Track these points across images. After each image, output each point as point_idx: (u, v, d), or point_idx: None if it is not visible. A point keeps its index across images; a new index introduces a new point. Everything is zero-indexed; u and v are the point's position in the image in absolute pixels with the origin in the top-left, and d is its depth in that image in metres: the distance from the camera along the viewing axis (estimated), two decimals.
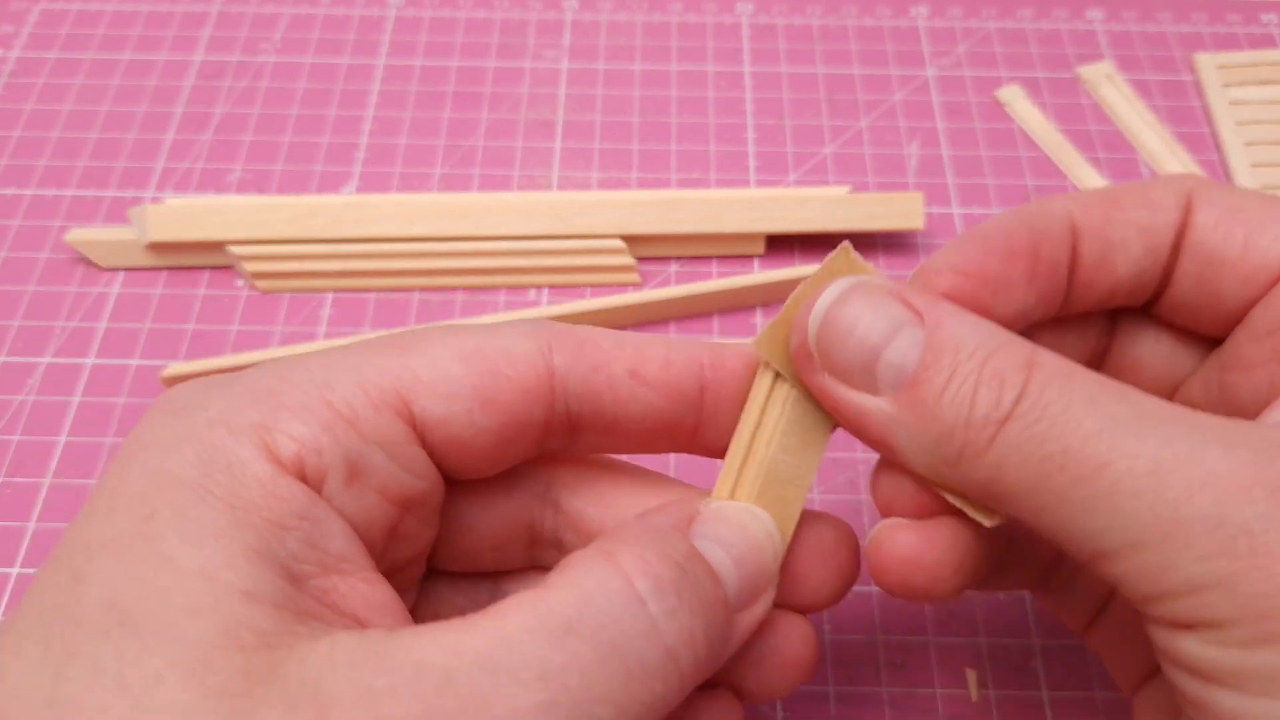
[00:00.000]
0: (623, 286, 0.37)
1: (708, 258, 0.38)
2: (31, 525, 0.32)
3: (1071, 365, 0.19)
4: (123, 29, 0.45)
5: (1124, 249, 0.22)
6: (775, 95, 0.43)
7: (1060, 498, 0.18)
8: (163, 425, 0.18)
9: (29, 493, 0.32)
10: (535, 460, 0.22)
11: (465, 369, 0.19)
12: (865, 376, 0.19)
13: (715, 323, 0.36)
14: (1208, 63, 0.43)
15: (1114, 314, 0.24)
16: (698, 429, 0.22)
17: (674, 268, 0.38)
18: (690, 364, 0.21)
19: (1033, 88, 0.43)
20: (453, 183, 0.40)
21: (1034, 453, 0.18)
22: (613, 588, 0.17)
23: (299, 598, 0.17)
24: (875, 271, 0.21)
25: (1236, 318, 0.22)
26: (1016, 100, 0.43)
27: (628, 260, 0.37)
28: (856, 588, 0.26)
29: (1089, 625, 0.25)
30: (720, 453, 0.22)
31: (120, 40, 0.45)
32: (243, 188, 0.40)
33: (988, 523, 0.20)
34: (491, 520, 0.23)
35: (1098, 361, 0.25)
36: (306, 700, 0.16)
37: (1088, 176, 0.40)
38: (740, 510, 0.21)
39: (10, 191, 0.40)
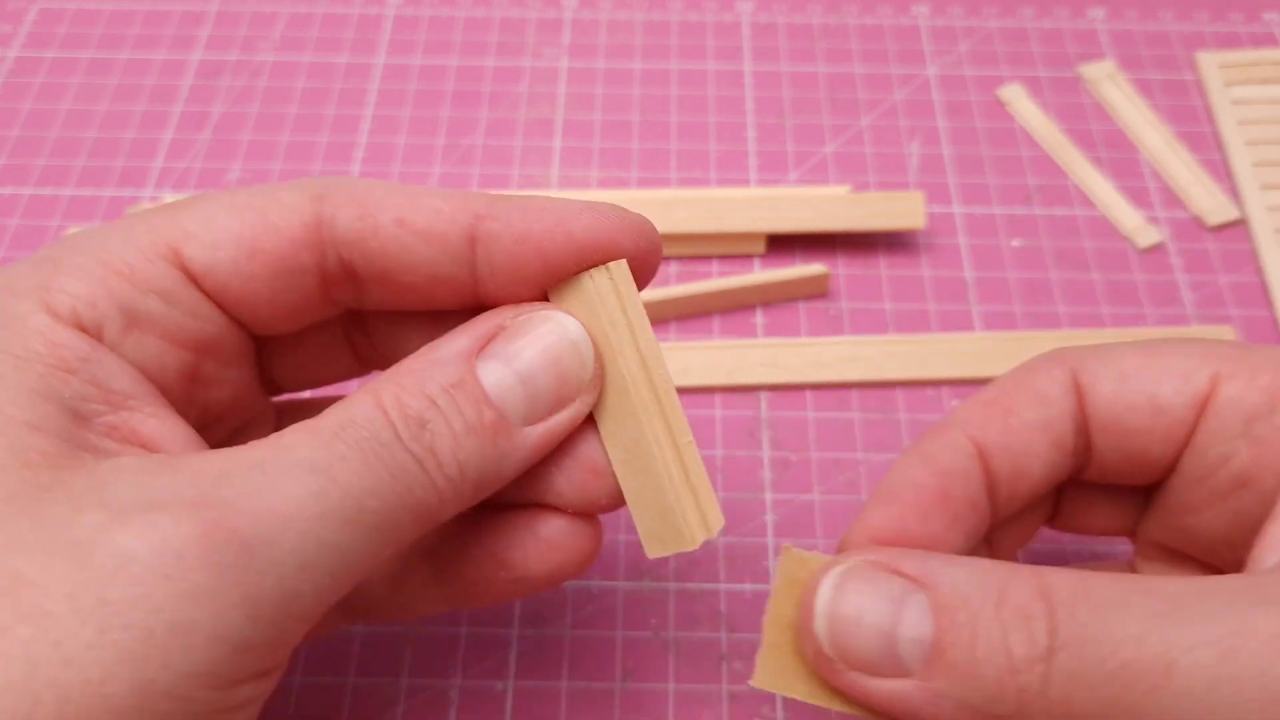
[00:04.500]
0: None
1: (708, 257, 0.38)
2: None
3: (1077, 574, 0.18)
4: (121, 28, 0.45)
5: (1032, 453, 0.22)
6: (776, 94, 0.43)
7: (1137, 711, 0.17)
8: None
9: None
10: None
11: (233, 218, 0.20)
12: (890, 662, 0.19)
13: (715, 322, 0.36)
14: (1209, 62, 0.43)
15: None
16: (477, 283, 0.21)
17: (674, 268, 0.38)
18: (461, 213, 0.20)
19: (1034, 87, 0.43)
20: (452, 182, 0.40)
21: (1096, 675, 0.17)
22: (372, 414, 0.18)
23: (84, 433, 0.18)
24: (822, 557, 0.21)
25: (1167, 469, 0.22)
26: (1018, 99, 0.42)
27: None
28: None
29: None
30: (499, 303, 0.21)
31: (118, 39, 0.44)
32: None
33: None
34: (322, 365, 0.24)
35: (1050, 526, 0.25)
36: (91, 500, 0.17)
37: (1089, 176, 0.40)
38: (541, 319, 0.20)
39: (9, 190, 0.40)
